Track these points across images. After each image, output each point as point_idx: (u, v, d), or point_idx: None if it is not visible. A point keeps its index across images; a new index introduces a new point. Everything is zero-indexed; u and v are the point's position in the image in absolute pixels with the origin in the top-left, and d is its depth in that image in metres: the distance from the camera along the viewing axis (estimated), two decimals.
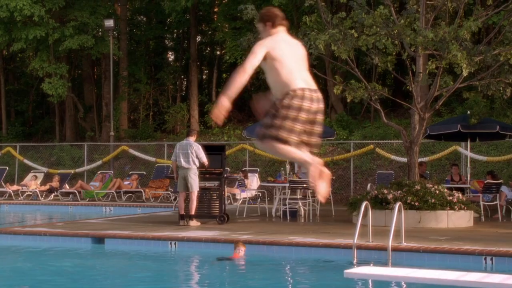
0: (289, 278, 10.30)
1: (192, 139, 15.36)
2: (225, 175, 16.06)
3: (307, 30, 15.94)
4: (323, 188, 5.30)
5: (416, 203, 14.72)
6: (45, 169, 27.76)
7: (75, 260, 11.93)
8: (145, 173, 25.67)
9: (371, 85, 16.16)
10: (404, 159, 20.30)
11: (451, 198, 15.01)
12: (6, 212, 22.16)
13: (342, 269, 9.70)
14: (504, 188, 17.59)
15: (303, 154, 5.32)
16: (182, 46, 39.20)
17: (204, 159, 15.10)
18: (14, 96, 38.07)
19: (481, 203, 16.82)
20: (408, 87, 16.45)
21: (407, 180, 15.78)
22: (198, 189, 15.21)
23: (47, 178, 26.30)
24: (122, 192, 23.63)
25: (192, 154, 15.02)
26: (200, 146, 15.26)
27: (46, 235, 13.58)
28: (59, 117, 35.30)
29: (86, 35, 29.69)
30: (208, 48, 41.23)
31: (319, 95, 5.37)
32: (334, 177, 23.04)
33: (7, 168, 27.00)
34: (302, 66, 5.45)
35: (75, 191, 23.93)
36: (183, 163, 15.08)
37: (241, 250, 11.42)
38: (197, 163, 15.09)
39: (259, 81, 32.55)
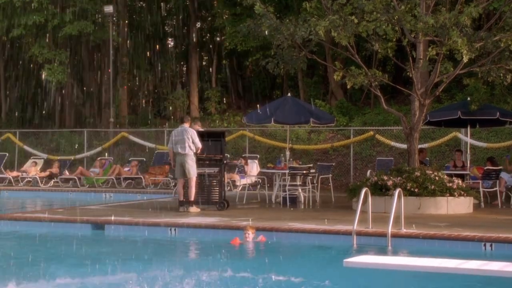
0: (289, 264, 10.31)
1: (187, 125, 15.35)
2: (225, 161, 16.05)
3: (307, 16, 15.88)
4: None
5: (416, 190, 14.73)
6: (44, 155, 27.76)
7: (75, 246, 11.95)
8: (145, 159, 25.66)
9: (371, 71, 16.12)
10: (404, 146, 20.30)
11: (450, 184, 15.02)
12: (6, 198, 22.18)
13: (342, 255, 9.72)
14: (503, 174, 17.59)
15: None
16: (182, 33, 39.09)
17: (199, 145, 15.10)
18: (14, 82, 38.00)
19: (481, 189, 16.82)
20: (408, 74, 16.41)
21: (407, 166, 15.78)
22: (196, 175, 15.20)
23: (47, 164, 26.30)
24: (122, 179, 23.63)
25: (189, 140, 15.01)
26: (195, 132, 15.24)
27: (46, 221, 13.60)
28: (59, 103, 35.26)
29: (85, 21, 29.60)
30: (208, 35, 41.11)
31: None
32: (334, 164, 23.05)
33: (7, 154, 26.98)
34: None
35: (75, 177, 23.92)
36: (180, 150, 15.07)
37: (249, 234, 11.45)
38: (194, 149, 15.07)
39: (258, 67, 32.49)
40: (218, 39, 38.32)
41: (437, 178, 15.03)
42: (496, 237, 10.84)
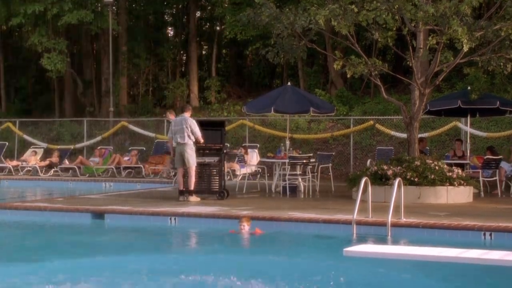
0: (288, 254, 10.32)
1: (187, 114, 15.32)
2: (225, 151, 16.04)
3: (307, 5, 15.85)
4: None
5: (416, 179, 14.72)
6: (44, 145, 27.74)
7: (75, 235, 11.96)
8: (144, 148, 25.65)
9: (371, 60, 16.09)
10: (404, 135, 20.28)
11: (450, 174, 15.01)
12: (6, 188, 22.18)
13: (342, 245, 9.72)
14: (503, 164, 17.58)
15: None
16: (181, 22, 39.02)
17: (199, 134, 15.06)
18: (13, 71, 37.96)
19: (481, 178, 16.81)
20: (408, 63, 16.38)
21: (407, 156, 15.77)
22: (196, 165, 15.18)
23: (47, 153, 26.29)
24: (121, 168, 23.63)
25: (187, 129, 14.98)
26: (195, 121, 15.21)
27: (46, 210, 13.61)
28: (58, 92, 35.23)
29: (85, 10, 29.51)
30: (208, 24, 41.04)
31: None
32: (334, 153, 23.05)
33: (7, 144, 26.97)
34: None
35: (75, 166, 23.92)
36: (179, 139, 15.05)
37: (244, 226, 11.40)
38: (193, 138, 15.05)
39: (258, 57, 32.44)
40: (218, 28, 38.26)
41: (437, 167, 15.02)
42: (496, 226, 10.84)
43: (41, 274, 8.39)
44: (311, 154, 19.78)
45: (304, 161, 17.45)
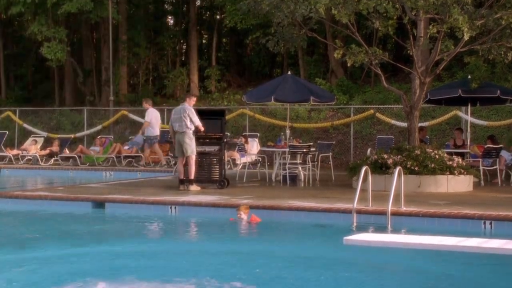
0: (289, 243, 10.34)
1: (187, 103, 15.29)
2: (225, 140, 16.03)
3: None
4: None
5: (416, 168, 14.73)
6: (44, 134, 27.75)
7: (75, 224, 11.98)
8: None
9: (371, 49, 16.05)
10: (404, 124, 20.27)
11: (451, 163, 15.02)
12: (7, 176, 22.19)
13: (342, 234, 9.74)
14: (503, 153, 17.59)
15: None
16: (181, 10, 38.94)
17: (198, 123, 15.03)
18: (13, 60, 37.90)
19: (481, 167, 16.83)
20: (409, 52, 16.36)
21: (407, 145, 15.77)
22: (195, 154, 15.16)
23: (47, 142, 26.30)
24: (122, 157, 23.62)
25: (186, 118, 14.95)
26: (193, 110, 15.18)
27: (46, 199, 13.62)
28: (58, 81, 35.19)
29: None
30: (208, 12, 40.95)
31: None
32: (334, 142, 23.05)
33: (7, 133, 26.97)
34: None
35: (75, 155, 23.92)
36: (177, 128, 15.04)
37: (242, 214, 11.42)
38: (192, 127, 15.01)
39: (258, 46, 32.38)
40: (218, 17, 38.17)
41: (437, 156, 15.03)
42: (496, 215, 10.85)
43: (40, 263, 8.41)
44: (311, 143, 19.79)
45: (304, 150, 17.46)
